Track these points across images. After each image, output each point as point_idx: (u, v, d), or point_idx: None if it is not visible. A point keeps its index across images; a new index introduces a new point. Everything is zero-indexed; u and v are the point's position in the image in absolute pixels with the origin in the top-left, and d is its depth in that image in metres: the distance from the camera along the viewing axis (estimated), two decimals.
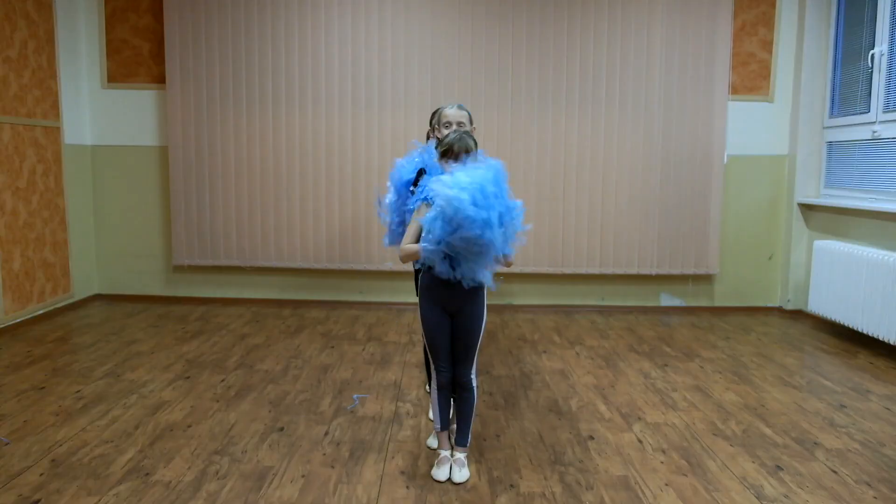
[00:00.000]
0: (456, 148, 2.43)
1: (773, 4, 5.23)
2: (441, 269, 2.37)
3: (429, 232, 2.32)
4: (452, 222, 2.21)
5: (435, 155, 2.62)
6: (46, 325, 4.65)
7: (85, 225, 5.37)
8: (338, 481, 2.53)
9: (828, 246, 4.71)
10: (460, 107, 2.91)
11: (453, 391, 2.65)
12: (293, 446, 2.82)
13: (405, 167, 2.89)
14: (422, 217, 2.40)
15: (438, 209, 2.24)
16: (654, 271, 5.36)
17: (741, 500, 2.42)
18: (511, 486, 2.51)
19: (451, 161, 2.45)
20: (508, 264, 2.44)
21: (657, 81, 5.20)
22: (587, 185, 5.28)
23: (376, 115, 5.22)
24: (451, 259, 2.36)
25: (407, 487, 2.49)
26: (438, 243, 2.29)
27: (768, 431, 3.04)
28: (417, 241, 2.50)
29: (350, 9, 5.15)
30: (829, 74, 5.09)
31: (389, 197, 2.93)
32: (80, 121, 5.27)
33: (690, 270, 5.36)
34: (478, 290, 2.54)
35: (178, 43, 5.16)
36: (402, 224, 2.84)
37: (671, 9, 5.15)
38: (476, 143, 2.50)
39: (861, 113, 4.70)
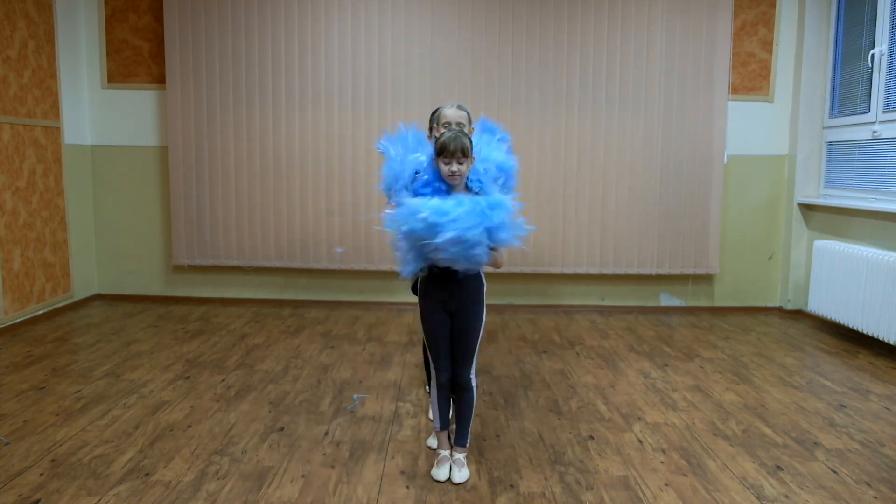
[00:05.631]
0: (452, 147, 2.42)
1: (773, 4, 5.23)
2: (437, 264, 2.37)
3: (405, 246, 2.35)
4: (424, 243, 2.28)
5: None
6: (46, 325, 4.65)
7: (85, 225, 5.37)
8: (338, 481, 2.53)
9: (828, 246, 4.71)
10: (460, 107, 2.89)
11: (453, 391, 2.65)
12: (293, 446, 2.82)
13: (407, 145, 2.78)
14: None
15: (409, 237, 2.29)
16: (654, 271, 5.36)
17: (741, 500, 2.42)
18: (511, 486, 2.51)
19: (445, 160, 2.44)
20: (498, 265, 2.44)
21: (657, 81, 5.20)
22: (587, 184, 5.28)
23: (376, 114, 5.22)
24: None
25: (407, 487, 2.49)
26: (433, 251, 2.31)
27: (768, 431, 3.04)
28: None
29: (350, 8, 5.15)
30: (829, 74, 5.09)
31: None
32: (80, 121, 5.27)
33: (690, 270, 5.36)
34: (477, 289, 2.55)
35: (178, 43, 5.16)
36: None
37: (671, 9, 5.15)
38: (471, 143, 2.49)
39: (861, 113, 4.70)
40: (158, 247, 5.48)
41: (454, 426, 2.67)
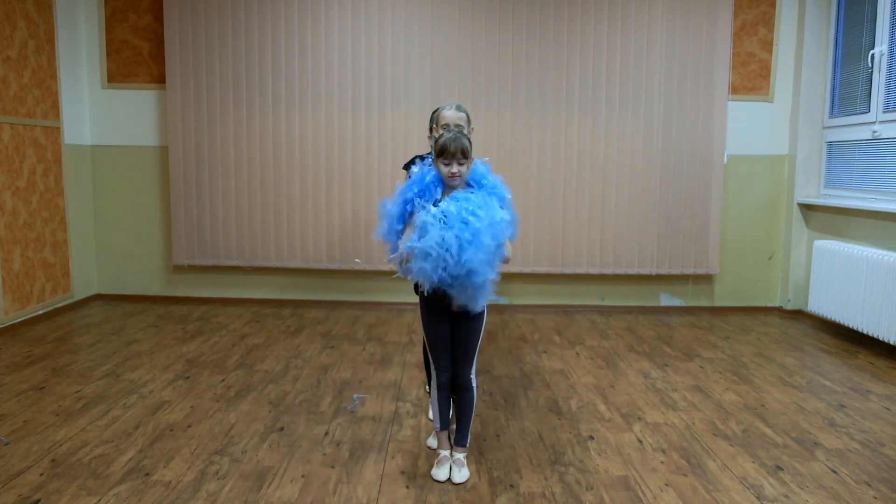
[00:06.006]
0: (452, 148, 2.41)
1: (773, 4, 5.23)
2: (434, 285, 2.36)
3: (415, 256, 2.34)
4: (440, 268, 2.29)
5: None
6: (46, 325, 4.65)
7: (85, 225, 5.37)
8: (338, 481, 2.53)
9: (828, 246, 4.71)
10: (459, 108, 2.88)
11: (453, 391, 2.65)
12: (293, 446, 2.82)
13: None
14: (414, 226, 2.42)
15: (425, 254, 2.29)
16: (654, 271, 5.36)
17: (741, 500, 2.42)
18: (511, 486, 2.51)
19: (445, 161, 2.44)
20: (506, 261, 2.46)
21: (657, 81, 5.20)
22: (587, 185, 5.28)
23: (376, 114, 5.22)
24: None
25: (407, 487, 2.49)
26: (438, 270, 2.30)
27: (768, 431, 3.04)
28: None
29: (350, 8, 5.15)
30: (829, 74, 5.09)
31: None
32: (80, 121, 5.27)
33: (690, 270, 5.36)
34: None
35: (178, 43, 5.16)
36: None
37: (671, 9, 5.15)
38: (472, 144, 2.49)
39: (861, 113, 4.70)
40: (158, 247, 5.48)
41: (454, 426, 2.67)
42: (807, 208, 5.24)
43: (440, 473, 2.55)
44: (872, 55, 4.56)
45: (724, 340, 4.60)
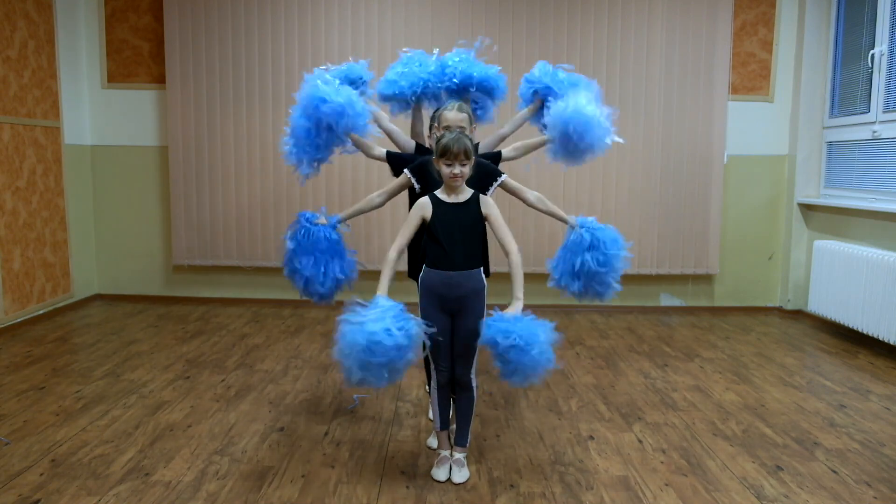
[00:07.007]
0: (455, 150, 2.41)
1: (773, 4, 5.23)
2: None
3: None
4: None
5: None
6: (46, 325, 4.65)
7: (85, 225, 5.37)
8: (338, 481, 2.53)
9: (828, 246, 4.71)
10: (460, 108, 2.88)
11: (453, 391, 2.65)
12: (293, 446, 2.82)
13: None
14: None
15: None
16: (654, 271, 5.35)
17: (741, 500, 2.42)
18: (511, 486, 2.51)
19: (447, 161, 2.43)
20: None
21: (657, 81, 5.20)
22: (587, 184, 5.28)
23: None
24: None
25: (407, 487, 2.49)
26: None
27: (768, 431, 3.04)
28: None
29: (350, 8, 5.15)
30: (829, 74, 5.09)
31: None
32: (80, 121, 5.27)
33: (690, 270, 5.36)
34: (478, 289, 2.55)
35: (178, 43, 5.16)
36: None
37: (671, 9, 5.15)
38: (474, 145, 2.49)
39: (861, 113, 4.70)
40: (158, 247, 5.48)
41: (454, 426, 2.67)
42: (807, 208, 5.24)
43: (440, 473, 2.55)
44: (872, 55, 4.56)
45: (724, 340, 4.60)
